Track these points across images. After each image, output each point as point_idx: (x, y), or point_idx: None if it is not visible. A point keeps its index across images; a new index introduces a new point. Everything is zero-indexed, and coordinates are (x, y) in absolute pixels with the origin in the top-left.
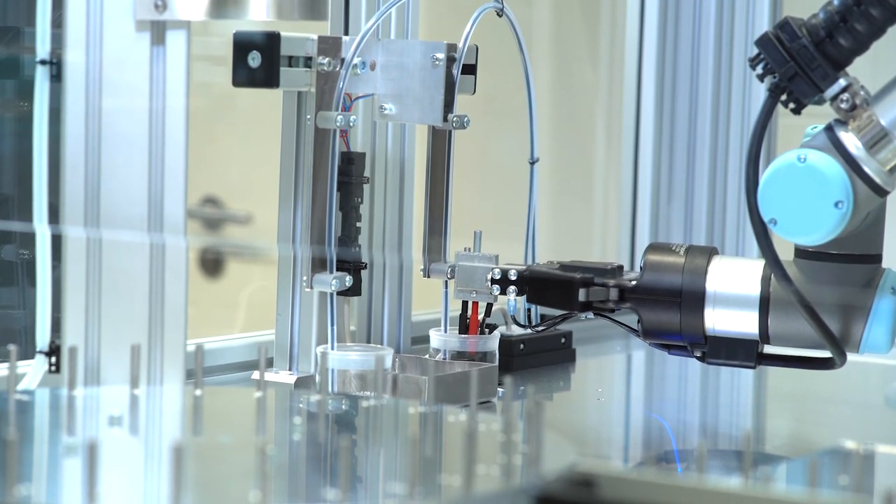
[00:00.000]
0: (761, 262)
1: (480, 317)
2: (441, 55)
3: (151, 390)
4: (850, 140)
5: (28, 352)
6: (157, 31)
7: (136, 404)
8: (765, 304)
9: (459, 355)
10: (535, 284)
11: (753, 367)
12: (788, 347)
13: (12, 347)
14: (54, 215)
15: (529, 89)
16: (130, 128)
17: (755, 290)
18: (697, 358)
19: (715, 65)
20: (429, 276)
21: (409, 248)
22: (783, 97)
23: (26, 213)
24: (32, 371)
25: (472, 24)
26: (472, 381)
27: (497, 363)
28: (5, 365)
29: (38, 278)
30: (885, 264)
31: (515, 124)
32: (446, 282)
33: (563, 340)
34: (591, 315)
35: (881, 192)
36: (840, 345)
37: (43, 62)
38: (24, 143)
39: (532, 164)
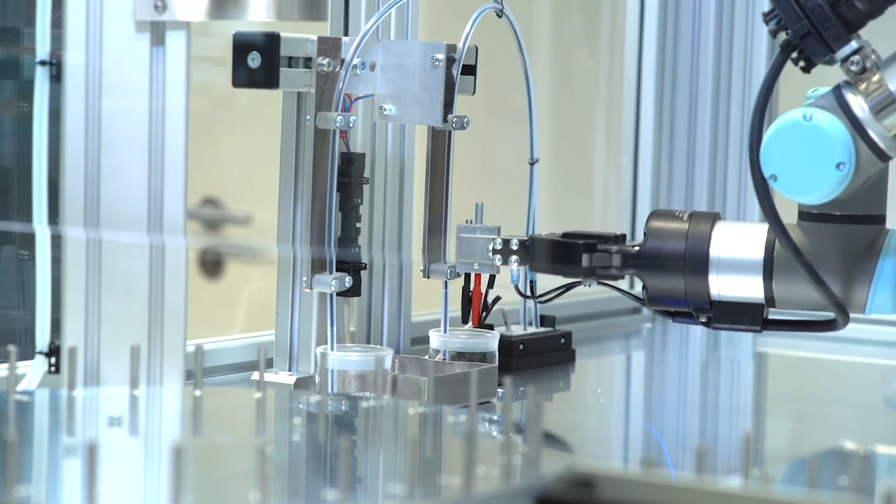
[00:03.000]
0: (765, 227)
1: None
2: (441, 56)
3: (151, 391)
4: (857, 102)
5: (28, 352)
6: (157, 32)
7: (136, 405)
8: (769, 268)
9: (459, 356)
10: (539, 252)
11: (759, 331)
12: (794, 311)
13: (12, 348)
14: (54, 215)
15: (529, 90)
16: (130, 128)
17: (759, 255)
18: (703, 323)
19: (715, 64)
20: (428, 277)
21: (409, 248)
22: (794, 55)
23: (26, 213)
24: (32, 371)
25: (471, 24)
26: (472, 382)
27: (497, 363)
28: (5, 365)
29: (37, 278)
30: (889, 225)
31: (515, 124)
32: (446, 282)
33: (562, 341)
34: (594, 283)
35: (884, 157)
36: (841, 303)
37: (43, 63)
38: (24, 144)
39: (532, 164)
